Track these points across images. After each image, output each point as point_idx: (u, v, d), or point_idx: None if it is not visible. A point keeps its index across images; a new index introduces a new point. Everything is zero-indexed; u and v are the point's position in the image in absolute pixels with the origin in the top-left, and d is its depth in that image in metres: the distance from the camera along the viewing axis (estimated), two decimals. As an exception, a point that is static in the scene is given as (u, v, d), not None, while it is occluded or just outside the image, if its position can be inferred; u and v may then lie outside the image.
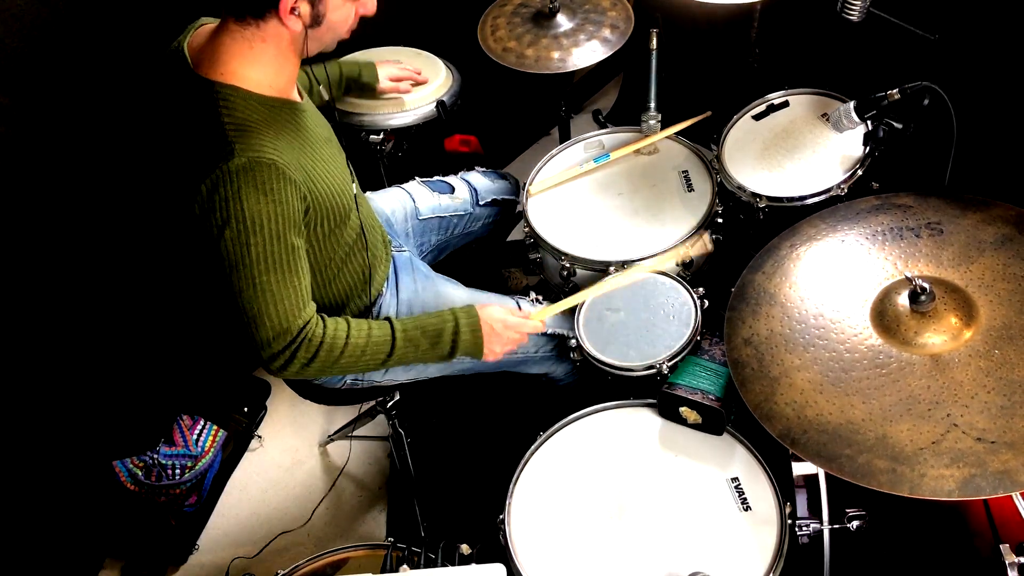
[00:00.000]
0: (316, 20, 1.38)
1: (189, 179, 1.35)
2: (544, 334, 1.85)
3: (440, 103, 2.15)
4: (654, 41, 1.99)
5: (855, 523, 1.38)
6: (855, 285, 1.48)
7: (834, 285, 1.49)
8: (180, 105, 1.41)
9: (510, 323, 1.64)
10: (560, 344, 1.88)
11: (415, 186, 2.06)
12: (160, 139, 1.46)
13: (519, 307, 1.85)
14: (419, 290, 1.82)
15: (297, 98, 1.52)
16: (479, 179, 2.12)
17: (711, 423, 1.57)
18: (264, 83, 1.41)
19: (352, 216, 1.61)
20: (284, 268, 1.40)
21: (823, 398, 1.34)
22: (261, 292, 1.39)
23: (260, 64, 1.40)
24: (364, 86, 2.07)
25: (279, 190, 1.36)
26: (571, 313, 1.78)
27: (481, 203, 2.08)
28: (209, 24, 1.47)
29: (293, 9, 1.34)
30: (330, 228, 1.54)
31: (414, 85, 2.14)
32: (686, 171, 1.99)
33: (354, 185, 1.65)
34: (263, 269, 1.38)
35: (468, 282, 1.92)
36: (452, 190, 2.07)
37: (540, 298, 1.90)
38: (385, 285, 1.79)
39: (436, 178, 2.10)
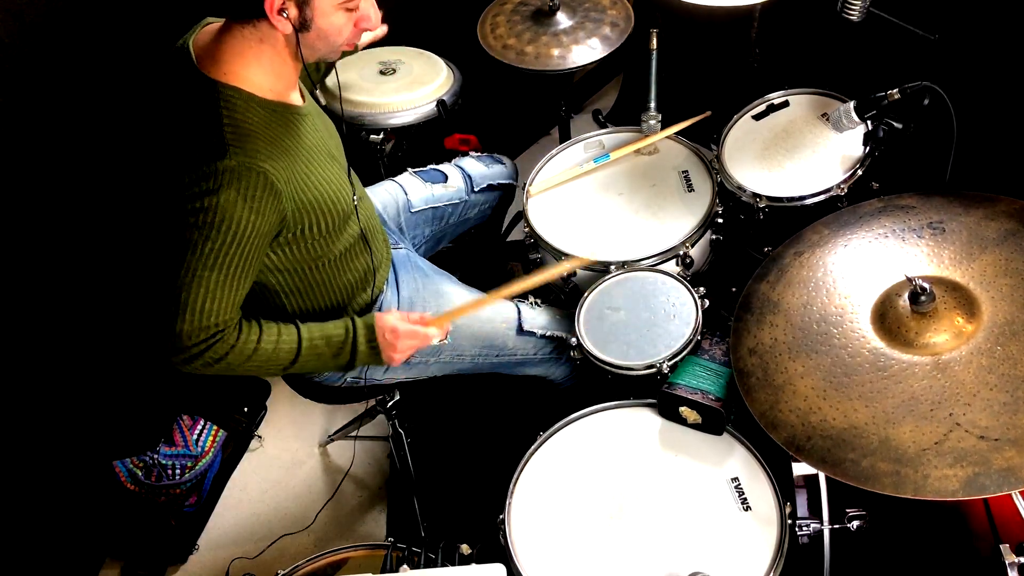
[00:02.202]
0: (304, 25, 1.37)
1: (178, 171, 1.35)
2: (543, 336, 1.85)
3: (440, 102, 2.15)
4: (654, 41, 2.00)
5: (855, 523, 1.39)
6: (857, 289, 1.48)
7: (836, 290, 1.49)
8: (182, 101, 1.41)
9: (403, 331, 1.58)
10: (559, 346, 1.87)
11: (407, 177, 2.04)
12: (158, 133, 1.46)
13: (519, 311, 1.85)
14: (419, 288, 1.82)
15: (299, 101, 1.52)
16: (473, 165, 2.10)
17: (711, 423, 1.57)
18: (265, 86, 1.41)
19: (351, 221, 1.61)
20: (231, 271, 1.39)
21: (826, 404, 1.34)
22: (197, 284, 1.37)
23: (261, 65, 1.40)
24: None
25: (260, 199, 1.36)
26: (570, 315, 1.78)
27: (476, 190, 2.06)
28: (215, 23, 1.47)
29: (282, 10, 1.34)
30: (325, 230, 1.54)
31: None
32: (686, 171, 1.99)
33: (357, 192, 1.65)
34: (210, 264, 1.37)
35: (471, 277, 1.92)
36: (445, 178, 2.04)
37: (538, 301, 1.90)
38: (385, 283, 1.79)
39: (429, 167, 2.08)
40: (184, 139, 1.37)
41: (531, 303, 1.89)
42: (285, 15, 1.34)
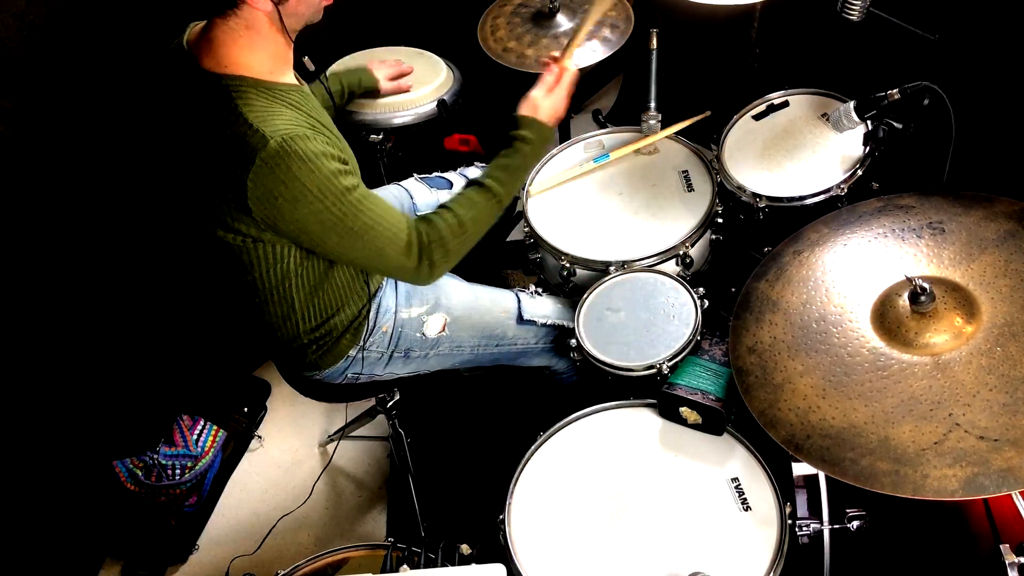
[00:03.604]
0: None
1: (228, 176, 1.36)
2: (544, 324, 1.85)
3: (441, 102, 2.15)
4: (654, 41, 2.00)
5: (855, 523, 1.39)
6: (857, 288, 1.48)
7: (836, 289, 1.49)
8: (193, 103, 1.42)
9: (547, 91, 1.71)
10: (560, 335, 1.87)
11: (413, 183, 2.06)
12: (179, 139, 1.47)
13: (519, 300, 1.85)
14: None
15: (296, 83, 1.53)
16: (477, 174, 2.11)
17: (711, 423, 1.57)
18: (265, 70, 1.42)
19: None
20: (363, 207, 1.44)
21: (826, 403, 1.34)
22: (362, 238, 1.46)
23: (256, 50, 1.41)
24: (366, 91, 2.09)
25: (319, 154, 1.38)
26: (571, 302, 1.77)
27: None
28: (201, 22, 1.48)
29: None
30: None
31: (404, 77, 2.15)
32: (686, 171, 1.99)
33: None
34: (350, 219, 1.43)
35: (467, 277, 1.92)
36: (450, 186, 2.07)
37: (540, 291, 1.90)
38: (384, 279, 1.79)
39: (435, 174, 2.10)
40: (214, 142, 1.38)
41: (531, 292, 1.89)
42: None
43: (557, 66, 1.75)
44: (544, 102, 1.71)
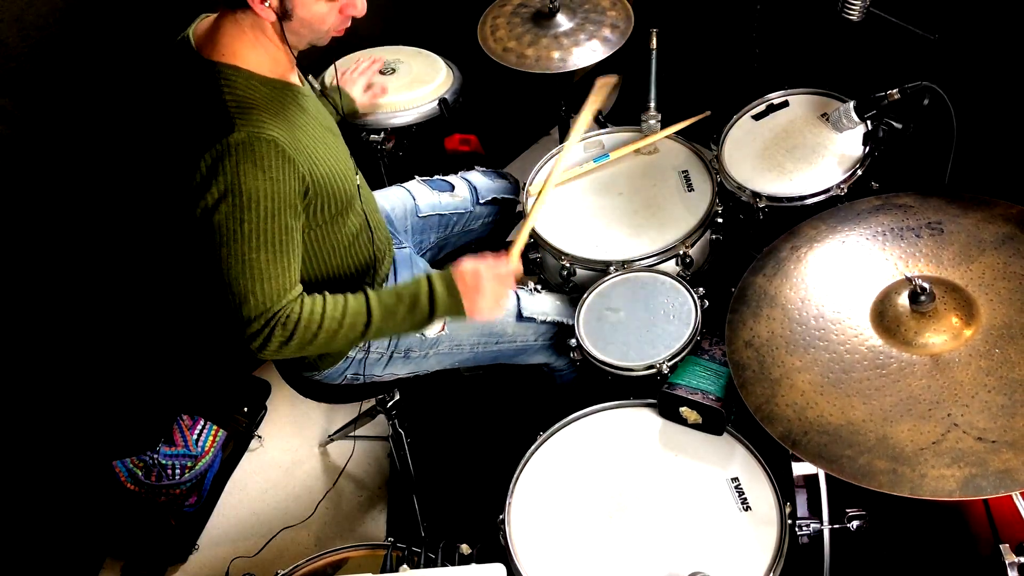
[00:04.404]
0: (285, 14, 1.38)
1: (190, 154, 1.35)
2: (544, 322, 1.85)
3: (443, 100, 2.15)
4: (654, 41, 2.00)
5: (855, 523, 1.38)
6: (856, 286, 1.48)
7: (835, 286, 1.49)
8: (183, 86, 1.42)
9: (485, 272, 1.54)
10: (559, 332, 1.88)
11: (415, 184, 2.07)
12: (162, 121, 1.47)
13: (518, 298, 1.85)
14: None
15: (298, 82, 1.53)
16: (479, 178, 2.12)
17: (711, 423, 1.57)
18: (264, 65, 1.43)
19: (355, 204, 1.61)
20: (275, 247, 1.39)
21: (824, 399, 1.33)
22: (249, 269, 1.38)
23: (257, 47, 1.41)
24: (352, 115, 2.08)
25: (278, 167, 1.36)
26: (571, 299, 1.77)
27: (481, 201, 2.08)
28: (212, 15, 1.48)
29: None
30: (332, 215, 1.54)
31: (381, 73, 2.17)
32: (686, 171, 1.99)
33: (358, 176, 1.66)
34: (254, 246, 1.37)
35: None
36: (452, 188, 2.07)
37: (538, 287, 1.91)
38: (384, 282, 1.79)
39: (436, 177, 2.10)
40: (189, 121, 1.38)
41: (530, 289, 1.89)
42: (267, 3, 1.35)
43: (511, 256, 1.62)
44: (470, 281, 1.54)
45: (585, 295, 1.79)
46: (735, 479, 1.51)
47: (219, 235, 1.36)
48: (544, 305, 1.87)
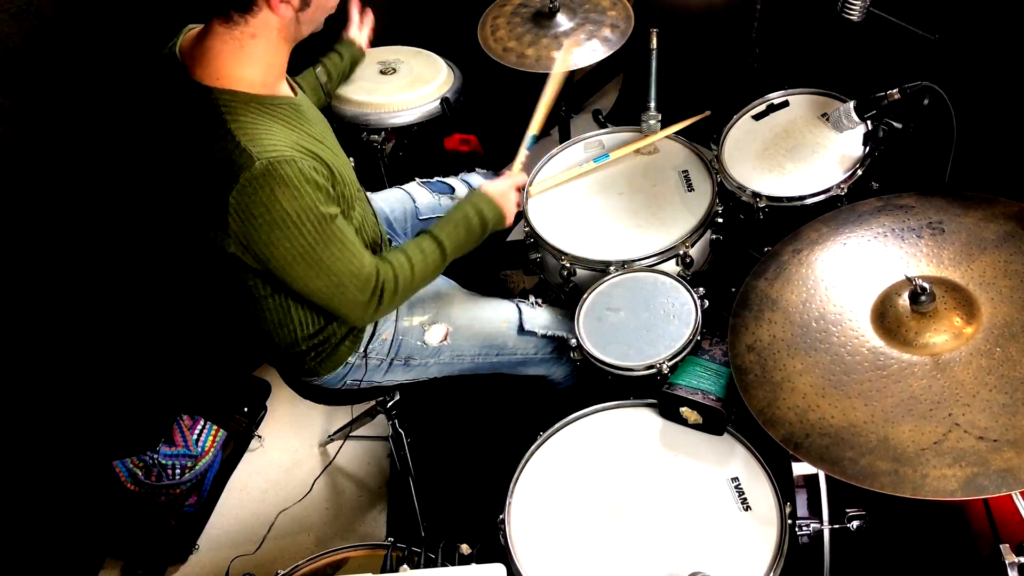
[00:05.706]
0: (306, 2, 1.38)
1: (212, 192, 1.35)
2: (544, 336, 1.86)
3: (444, 99, 2.15)
4: (654, 41, 2.00)
5: (855, 523, 1.38)
6: (856, 288, 1.48)
7: (836, 288, 1.49)
8: (184, 115, 1.40)
9: (504, 187, 1.80)
10: (559, 346, 1.88)
11: (415, 187, 2.07)
12: (168, 146, 1.46)
13: (519, 311, 1.86)
14: None
15: (290, 94, 1.52)
16: (479, 180, 2.12)
17: (712, 423, 1.57)
18: (257, 82, 1.41)
19: (357, 207, 1.61)
20: (335, 239, 1.44)
21: (825, 402, 1.33)
22: (329, 269, 1.45)
23: (251, 62, 1.39)
24: (356, 60, 2.14)
25: (305, 181, 1.37)
26: (570, 314, 1.78)
27: None
28: (197, 27, 1.46)
29: None
30: (344, 207, 1.54)
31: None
32: (686, 171, 1.99)
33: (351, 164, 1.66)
34: (320, 249, 1.43)
35: (466, 284, 1.92)
36: (452, 191, 2.07)
37: (539, 301, 1.91)
38: None
39: (436, 179, 2.10)
40: (202, 155, 1.37)
41: (532, 303, 1.89)
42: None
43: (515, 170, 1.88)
44: (500, 197, 1.77)
45: (585, 295, 1.79)
46: (735, 479, 1.51)
47: (285, 258, 1.41)
48: (544, 319, 1.87)
